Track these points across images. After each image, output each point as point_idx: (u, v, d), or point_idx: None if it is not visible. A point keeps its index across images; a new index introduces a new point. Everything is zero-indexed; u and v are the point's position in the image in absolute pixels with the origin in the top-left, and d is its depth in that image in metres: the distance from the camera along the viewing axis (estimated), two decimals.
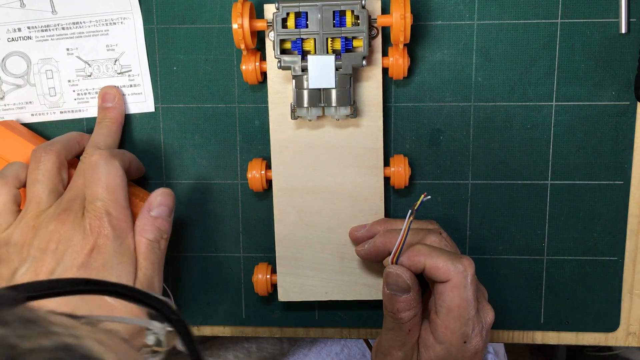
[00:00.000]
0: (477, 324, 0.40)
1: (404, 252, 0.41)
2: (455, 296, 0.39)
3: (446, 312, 0.40)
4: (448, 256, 0.40)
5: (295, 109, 0.44)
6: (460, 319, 0.39)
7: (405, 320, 0.41)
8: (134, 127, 0.49)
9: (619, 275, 0.49)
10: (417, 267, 0.41)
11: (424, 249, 0.41)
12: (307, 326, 0.52)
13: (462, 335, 0.40)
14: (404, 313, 0.41)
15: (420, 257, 0.40)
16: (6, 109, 0.49)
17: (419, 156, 0.49)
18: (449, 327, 0.40)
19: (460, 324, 0.39)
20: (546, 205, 0.49)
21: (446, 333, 0.40)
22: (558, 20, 0.46)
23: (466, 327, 0.40)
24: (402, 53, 0.44)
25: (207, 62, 0.48)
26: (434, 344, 0.41)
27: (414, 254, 0.41)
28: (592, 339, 0.51)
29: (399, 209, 0.49)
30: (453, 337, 0.40)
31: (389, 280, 0.41)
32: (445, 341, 0.40)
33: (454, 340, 0.40)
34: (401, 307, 0.40)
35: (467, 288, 0.39)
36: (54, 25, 0.48)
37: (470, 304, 0.39)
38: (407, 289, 0.40)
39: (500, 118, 0.48)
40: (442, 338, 0.40)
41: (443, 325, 0.40)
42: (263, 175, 0.47)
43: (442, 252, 0.40)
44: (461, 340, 0.40)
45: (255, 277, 0.48)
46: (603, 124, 0.47)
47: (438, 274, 0.40)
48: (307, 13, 0.42)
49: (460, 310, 0.39)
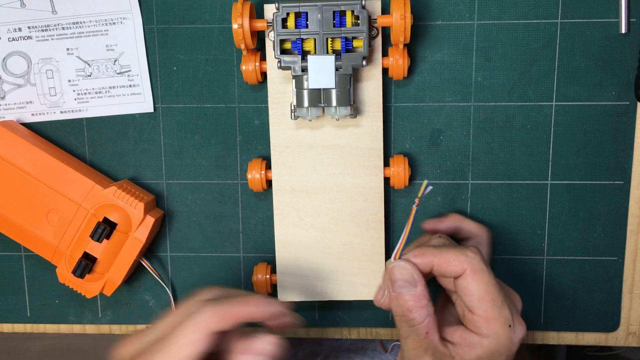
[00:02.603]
0: (512, 307, 0.39)
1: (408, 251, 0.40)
2: (479, 282, 0.38)
3: (479, 302, 0.38)
4: (455, 249, 0.39)
5: (295, 109, 0.44)
6: (495, 302, 0.38)
7: (419, 321, 0.39)
8: (134, 127, 0.49)
9: (619, 275, 0.49)
10: (425, 266, 0.39)
11: (429, 247, 0.40)
12: (307, 326, 0.52)
13: (504, 319, 0.38)
14: (415, 312, 0.39)
15: (428, 256, 0.39)
16: (7, 109, 0.49)
17: (419, 156, 0.49)
18: (489, 315, 0.38)
19: (498, 308, 0.38)
20: (546, 205, 0.49)
21: (489, 323, 0.38)
22: (558, 20, 0.46)
23: (504, 309, 0.38)
24: (402, 53, 0.44)
25: (207, 62, 0.48)
26: (479, 341, 0.38)
27: (421, 253, 0.40)
28: (592, 339, 0.51)
29: (399, 209, 0.49)
30: (497, 324, 0.38)
31: (394, 274, 0.39)
32: (491, 332, 0.38)
33: (499, 328, 0.38)
34: (411, 305, 0.39)
35: (485, 271, 0.38)
36: (54, 25, 0.48)
37: (496, 286, 0.38)
38: (414, 282, 0.39)
39: (500, 118, 0.48)
40: (486, 330, 0.38)
41: (483, 317, 0.38)
42: (263, 175, 0.47)
43: (448, 247, 0.40)
44: (506, 325, 0.38)
45: (255, 277, 0.48)
46: (603, 124, 0.47)
47: (451, 267, 0.39)
48: (307, 13, 0.42)
49: (491, 294, 0.38)
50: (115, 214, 0.46)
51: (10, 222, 0.47)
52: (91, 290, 0.48)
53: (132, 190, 0.47)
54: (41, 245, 0.48)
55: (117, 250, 0.47)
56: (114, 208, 0.46)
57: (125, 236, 0.47)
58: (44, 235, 0.47)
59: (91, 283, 0.47)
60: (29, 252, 0.52)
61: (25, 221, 0.47)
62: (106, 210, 0.46)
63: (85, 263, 0.46)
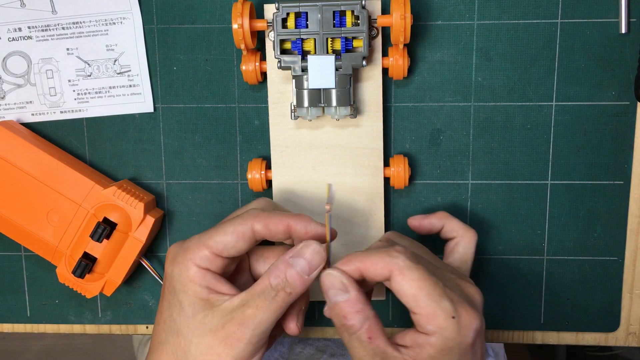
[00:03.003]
0: (457, 298, 0.37)
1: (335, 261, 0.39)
2: (408, 281, 0.37)
3: (414, 301, 0.37)
4: (379, 252, 0.38)
5: (295, 109, 0.44)
6: (431, 297, 0.37)
7: (357, 327, 0.37)
8: (134, 127, 0.49)
9: (619, 275, 0.49)
10: (353, 272, 0.38)
11: (357, 253, 0.39)
12: (307, 326, 0.52)
13: (445, 312, 0.36)
14: (351, 318, 0.37)
15: (354, 262, 0.38)
16: (7, 109, 0.49)
17: (419, 156, 0.49)
18: (428, 312, 0.36)
19: (435, 302, 0.36)
20: (546, 205, 0.49)
21: (430, 319, 0.37)
22: (558, 20, 0.46)
23: (443, 302, 0.37)
24: (402, 53, 0.44)
25: (207, 62, 0.48)
26: (427, 339, 0.37)
27: (347, 260, 0.39)
28: (592, 339, 0.51)
29: (399, 209, 0.49)
30: (438, 319, 0.36)
31: (325, 284, 0.38)
32: (435, 328, 0.37)
33: (442, 322, 0.36)
34: (346, 312, 0.37)
35: (413, 268, 0.37)
36: (54, 25, 0.48)
37: (429, 280, 0.37)
38: (345, 288, 0.38)
39: (500, 118, 0.48)
40: (430, 327, 0.37)
41: (423, 314, 0.37)
42: (263, 175, 0.47)
43: (373, 251, 0.39)
44: (449, 317, 0.36)
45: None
46: (603, 124, 0.47)
47: (377, 270, 0.38)
48: (307, 13, 0.42)
49: (424, 289, 0.37)
50: (115, 214, 0.46)
51: (10, 222, 0.47)
52: (91, 290, 0.48)
53: (132, 190, 0.47)
54: (41, 245, 0.48)
55: (117, 250, 0.47)
56: (114, 208, 0.46)
57: (125, 236, 0.47)
58: (44, 235, 0.47)
59: (91, 283, 0.47)
60: (29, 252, 0.52)
61: (25, 221, 0.47)
62: (106, 210, 0.46)
63: (85, 263, 0.46)
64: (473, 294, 0.39)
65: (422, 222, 0.46)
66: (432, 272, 0.38)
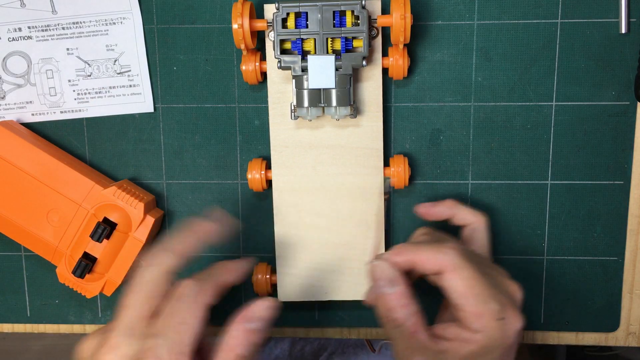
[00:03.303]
0: (505, 299, 0.38)
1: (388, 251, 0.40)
2: (460, 279, 0.38)
3: (463, 299, 0.38)
4: (432, 247, 0.39)
5: (295, 109, 0.44)
6: (480, 297, 0.37)
7: (402, 321, 0.38)
8: (134, 127, 0.49)
9: (619, 275, 0.49)
10: (404, 264, 0.39)
11: (408, 244, 0.40)
12: (307, 326, 0.52)
13: (492, 313, 0.37)
14: (397, 312, 0.38)
15: (406, 254, 0.39)
16: (7, 109, 0.49)
17: (419, 156, 0.49)
18: (476, 311, 0.37)
19: (483, 303, 0.37)
20: (546, 205, 0.49)
21: (477, 319, 0.37)
22: (558, 20, 0.46)
23: (491, 303, 0.38)
24: (402, 53, 0.44)
25: (207, 62, 0.48)
26: (471, 336, 0.38)
27: (399, 251, 0.39)
28: (592, 339, 0.51)
29: (399, 209, 0.49)
30: (485, 319, 0.37)
31: (375, 274, 0.39)
32: (481, 327, 0.37)
33: (488, 322, 0.37)
34: (393, 305, 0.38)
35: (465, 267, 0.38)
36: (54, 25, 0.48)
37: (479, 280, 0.38)
38: (393, 281, 0.39)
39: (500, 118, 0.48)
40: (476, 326, 0.38)
41: (470, 313, 0.37)
42: (263, 175, 0.47)
43: (426, 244, 0.40)
44: (494, 319, 0.37)
45: (255, 277, 0.48)
46: (603, 124, 0.47)
47: (429, 265, 0.38)
48: (307, 13, 0.42)
49: (474, 289, 0.38)
50: (115, 214, 0.46)
51: (10, 222, 0.47)
52: (91, 290, 0.48)
53: (132, 190, 0.47)
54: (41, 245, 0.48)
55: (117, 250, 0.47)
56: (114, 208, 0.46)
57: (125, 236, 0.47)
58: (44, 235, 0.47)
59: (91, 283, 0.47)
60: (29, 252, 0.52)
61: (25, 221, 0.47)
62: (106, 210, 0.46)
63: (85, 263, 0.46)
64: (514, 292, 0.40)
65: (430, 210, 0.46)
66: (482, 271, 0.38)
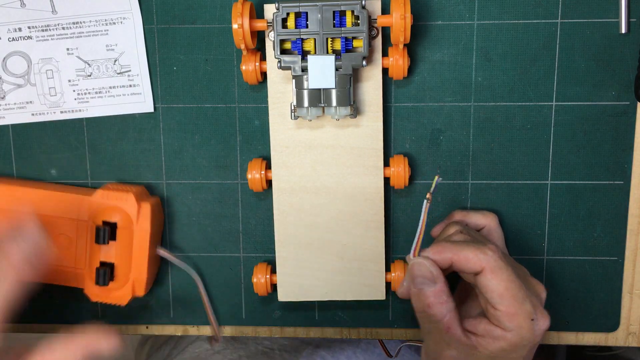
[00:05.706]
0: (536, 301, 0.40)
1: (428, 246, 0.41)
2: (499, 280, 0.39)
3: (500, 299, 0.39)
4: (474, 246, 0.40)
5: (295, 109, 0.44)
6: (516, 298, 0.39)
7: (440, 317, 0.40)
8: (134, 127, 0.49)
9: (619, 275, 0.49)
10: (443, 262, 0.41)
11: (448, 243, 0.41)
12: (307, 326, 0.52)
13: (526, 313, 0.39)
14: (435, 308, 0.40)
15: (446, 252, 0.40)
16: (7, 109, 0.49)
17: (419, 156, 0.49)
18: (511, 311, 0.39)
19: (519, 303, 0.39)
20: (546, 205, 0.49)
21: (511, 318, 0.39)
22: (558, 20, 0.46)
23: (526, 304, 0.39)
24: (402, 53, 0.44)
25: (207, 62, 0.48)
26: (503, 334, 0.40)
27: (439, 249, 0.41)
28: (592, 339, 0.51)
29: (399, 209, 0.49)
30: (519, 318, 0.39)
31: (414, 272, 0.41)
32: (514, 326, 0.39)
33: (521, 322, 0.39)
34: (431, 302, 0.40)
35: (504, 269, 0.39)
36: (54, 25, 0.48)
37: (516, 282, 0.39)
38: (433, 279, 0.40)
39: (500, 118, 0.48)
40: (509, 325, 0.39)
41: (505, 312, 0.39)
42: (263, 175, 0.47)
43: (467, 244, 0.41)
44: (528, 319, 0.39)
45: (255, 278, 0.48)
46: (603, 124, 0.47)
47: (469, 265, 0.40)
48: (307, 13, 0.42)
49: (511, 291, 0.39)
50: (111, 214, 0.47)
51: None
52: (122, 296, 0.47)
53: (118, 188, 0.48)
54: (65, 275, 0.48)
55: (129, 248, 0.47)
56: (107, 209, 0.47)
57: (130, 232, 0.47)
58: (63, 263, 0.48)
59: (119, 289, 0.47)
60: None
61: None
62: (101, 214, 0.47)
63: (104, 270, 0.47)
64: (541, 292, 0.42)
65: None
66: (516, 273, 0.40)
